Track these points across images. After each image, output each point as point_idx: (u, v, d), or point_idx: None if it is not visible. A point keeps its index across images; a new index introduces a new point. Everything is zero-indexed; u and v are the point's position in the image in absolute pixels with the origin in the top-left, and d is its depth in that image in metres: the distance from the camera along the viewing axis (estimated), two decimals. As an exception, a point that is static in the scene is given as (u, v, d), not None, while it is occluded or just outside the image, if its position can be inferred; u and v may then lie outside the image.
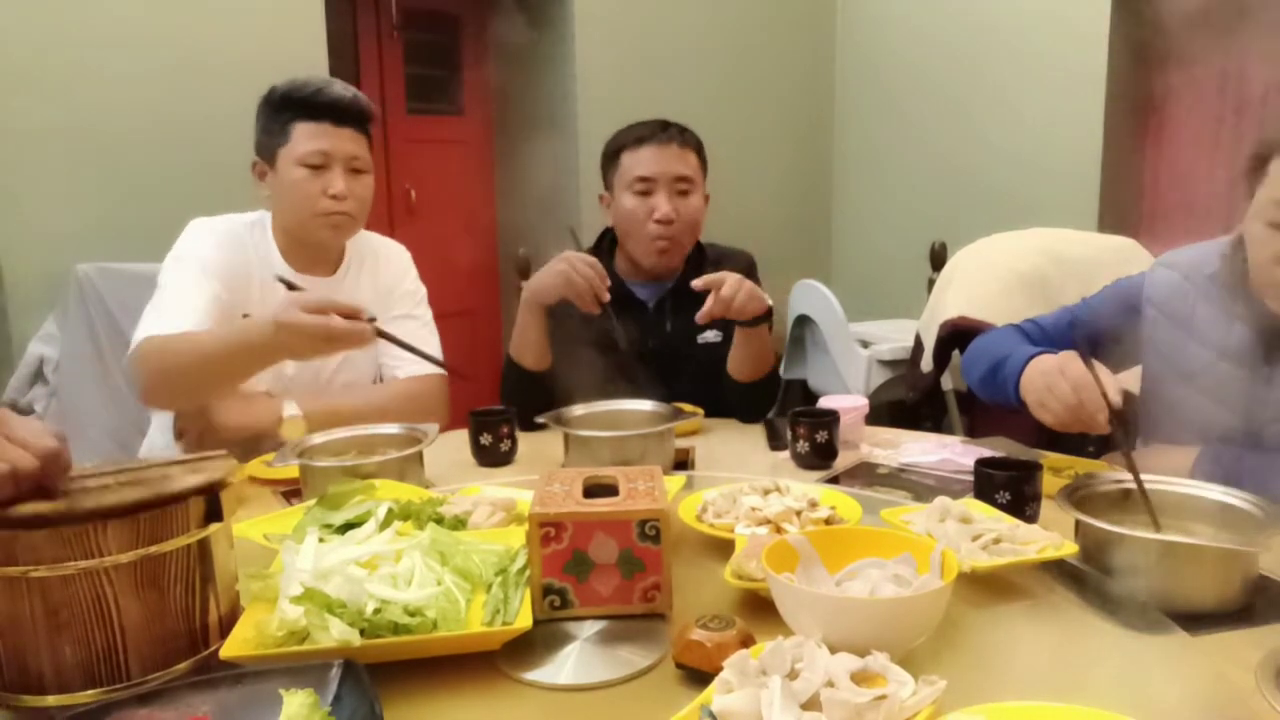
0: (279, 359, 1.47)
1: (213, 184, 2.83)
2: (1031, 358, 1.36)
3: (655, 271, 1.91)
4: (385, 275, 1.84)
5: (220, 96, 2.88)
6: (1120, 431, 1.17)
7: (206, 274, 1.61)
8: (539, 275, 1.71)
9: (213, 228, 1.70)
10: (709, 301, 1.62)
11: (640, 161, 1.85)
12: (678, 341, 1.88)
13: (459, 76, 4.04)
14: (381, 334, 1.36)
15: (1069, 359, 1.26)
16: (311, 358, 1.58)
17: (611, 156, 1.92)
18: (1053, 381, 1.26)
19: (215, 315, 1.58)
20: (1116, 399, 1.19)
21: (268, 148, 1.68)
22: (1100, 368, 1.21)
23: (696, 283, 1.64)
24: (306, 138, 1.64)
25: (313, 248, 1.73)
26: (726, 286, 1.61)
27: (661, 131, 1.87)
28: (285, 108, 1.66)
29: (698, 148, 1.92)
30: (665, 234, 1.85)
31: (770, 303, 1.69)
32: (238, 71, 2.90)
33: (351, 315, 1.30)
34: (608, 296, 1.67)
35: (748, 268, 1.99)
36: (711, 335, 1.90)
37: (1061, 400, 1.24)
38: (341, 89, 1.68)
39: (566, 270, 1.65)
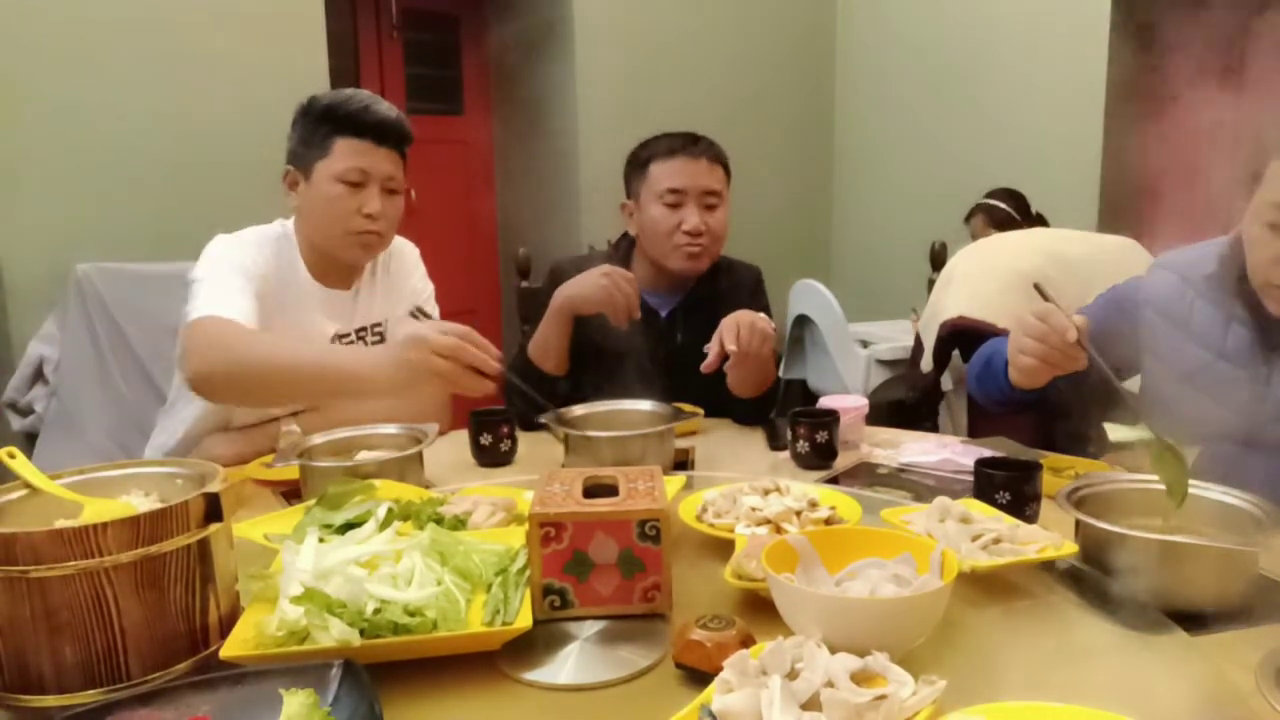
0: (380, 393, 1.39)
1: (213, 184, 2.84)
2: None
3: (679, 278, 1.92)
4: (394, 274, 1.84)
5: (221, 97, 2.88)
6: (1087, 347, 1.23)
7: (247, 278, 1.57)
8: (577, 285, 1.71)
9: (244, 239, 1.65)
10: (716, 350, 1.59)
11: (671, 173, 1.86)
12: (688, 352, 1.87)
13: (459, 76, 4.04)
14: (505, 382, 1.34)
15: (1026, 311, 1.32)
16: (409, 392, 1.44)
17: (640, 165, 1.92)
18: (1022, 323, 1.31)
19: (259, 319, 1.53)
20: (1079, 320, 1.24)
21: (304, 159, 1.64)
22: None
23: (707, 366, 1.59)
24: (347, 154, 1.62)
25: (336, 262, 1.71)
26: (739, 344, 1.58)
27: (693, 145, 1.88)
28: (327, 120, 1.62)
29: (725, 162, 1.93)
30: (695, 244, 1.86)
31: (772, 327, 1.70)
32: (238, 72, 2.91)
33: (479, 364, 1.28)
34: (639, 314, 1.69)
35: (755, 281, 2.01)
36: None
37: (1032, 330, 1.28)
38: (386, 108, 1.66)
39: (610, 286, 1.67)
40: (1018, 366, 1.33)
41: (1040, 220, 3.39)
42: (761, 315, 1.64)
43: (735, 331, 1.58)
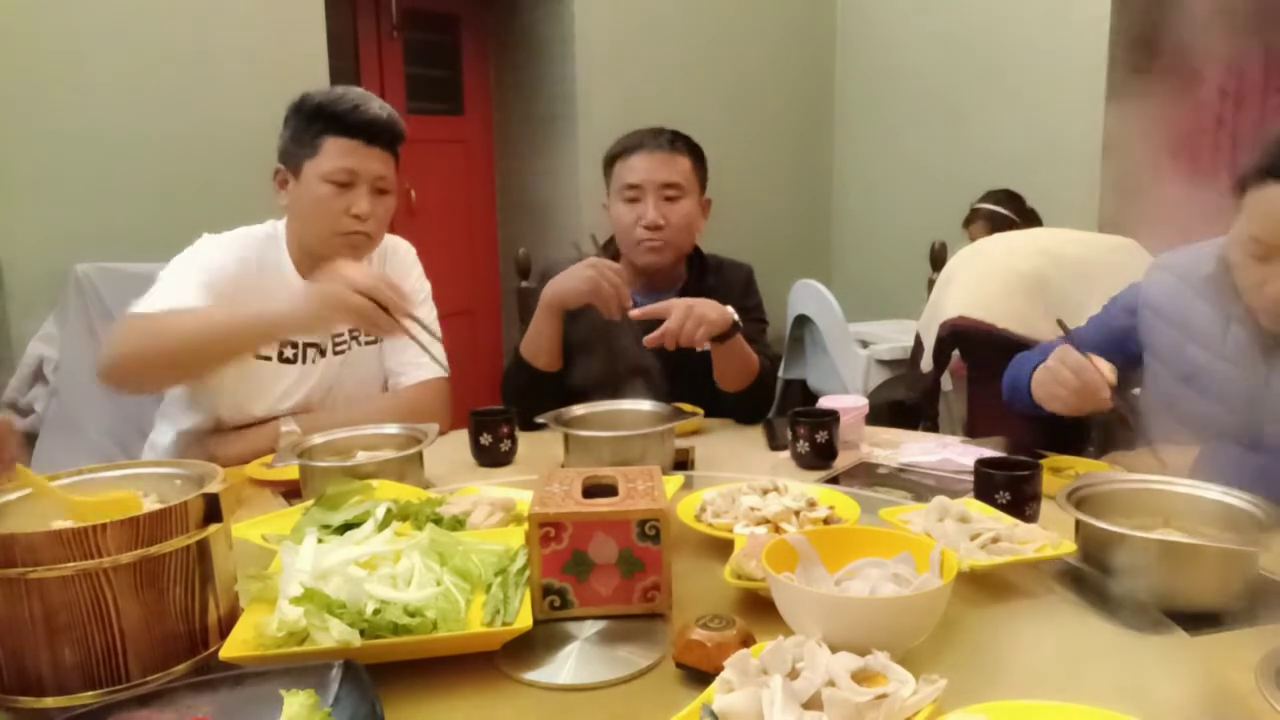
0: (296, 332, 1.44)
1: (214, 184, 2.83)
2: (1035, 368, 1.46)
3: (650, 271, 1.91)
4: (391, 273, 1.83)
5: (220, 96, 2.88)
6: (1121, 405, 1.32)
7: (209, 279, 1.57)
8: (564, 279, 1.70)
9: (222, 244, 1.65)
10: (658, 331, 1.61)
11: (629, 169, 1.86)
12: (679, 350, 1.88)
13: (459, 76, 4.04)
14: (410, 324, 1.37)
15: (1065, 351, 1.37)
16: (328, 329, 1.54)
17: (607, 165, 1.93)
18: (1055, 373, 1.38)
19: None
20: (1111, 377, 1.32)
21: (294, 157, 1.63)
22: (1092, 356, 1.34)
23: (635, 313, 1.62)
24: (336, 154, 1.60)
25: (325, 261, 1.71)
26: (672, 319, 1.60)
27: (651, 139, 1.87)
28: (317, 119, 1.61)
29: (692, 153, 1.91)
30: (654, 237, 1.86)
31: (734, 316, 1.69)
32: (238, 72, 2.90)
33: (392, 305, 1.32)
34: (631, 304, 1.69)
35: (746, 280, 2.01)
36: (709, 345, 1.90)
37: (1066, 385, 1.36)
38: (378, 108, 1.64)
39: (595, 277, 1.66)
40: (1046, 405, 1.42)
41: (1034, 217, 3.39)
42: (711, 303, 1.64)
43: (676, 311, 1.60)
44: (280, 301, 1.38)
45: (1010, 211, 3.36)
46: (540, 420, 1.51)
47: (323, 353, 1.70)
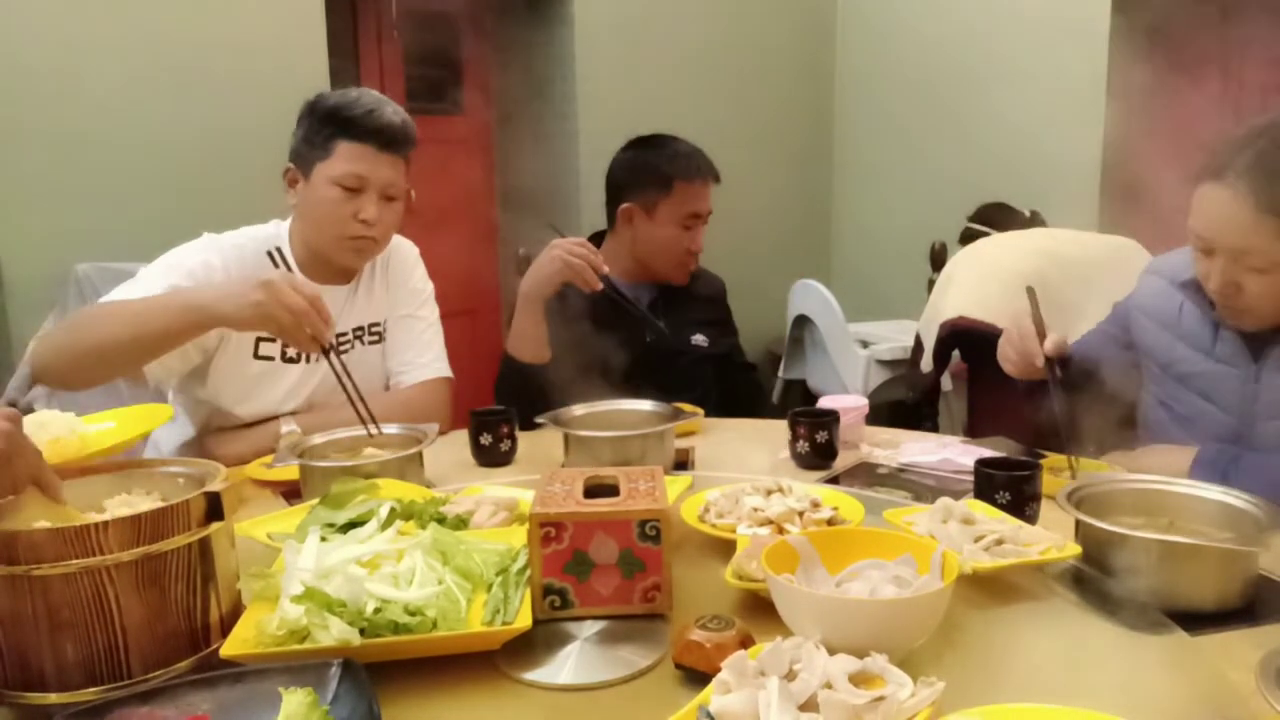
0: (225, 324, 1.42)
1: (214, 184, 2.83)
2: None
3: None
4: (393, 273, 1.83)
5: (220, 96, 2.88)
6: (1051, 374, 1.37)
7: (188, 279, 1.55)
8: (534, 270, 1.75)
9: (214, 243, 1.64)
10: None
11: (697, 197, 1.95)
12: (669, 341, 1.91)
13: (459, 76, 4.04)
14: (329, 360, 1.42)
15: (1021, 314, 1.46)
16: (251, 330, 1.54)
17: (663, 182, 1.95)
18: (1008, 333, 1.49)
19: None
20: (1050, 346, 1.38)
21: (305, 158, 1.63)
22: (1046, 326, 1.42)
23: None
24: (347, 159, 1.60)
25: (330, 263, 1.70)
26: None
27: (708, 166, 1.97)
28: (330, 122, 1.61)
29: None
30: (694, 262, 2.00)
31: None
32: (237, 72, 2.90)
33: (316, 332, 1.36)
34: (606, 269, 1.72)
35: (720, 292, 2.17)
36: (700, 339, 1.95)
37: (1011, 345, 1.46)
38: (393, 113, 1.63)
39: (561, 255, 1.70)
40: (1004, 367, 1.51)
41: (1036, 218, 3.37)
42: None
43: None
44: (213, 292, 1.39)
45: (998, 228, 3.34)
46: (540, 420, 1.51)
47: None
